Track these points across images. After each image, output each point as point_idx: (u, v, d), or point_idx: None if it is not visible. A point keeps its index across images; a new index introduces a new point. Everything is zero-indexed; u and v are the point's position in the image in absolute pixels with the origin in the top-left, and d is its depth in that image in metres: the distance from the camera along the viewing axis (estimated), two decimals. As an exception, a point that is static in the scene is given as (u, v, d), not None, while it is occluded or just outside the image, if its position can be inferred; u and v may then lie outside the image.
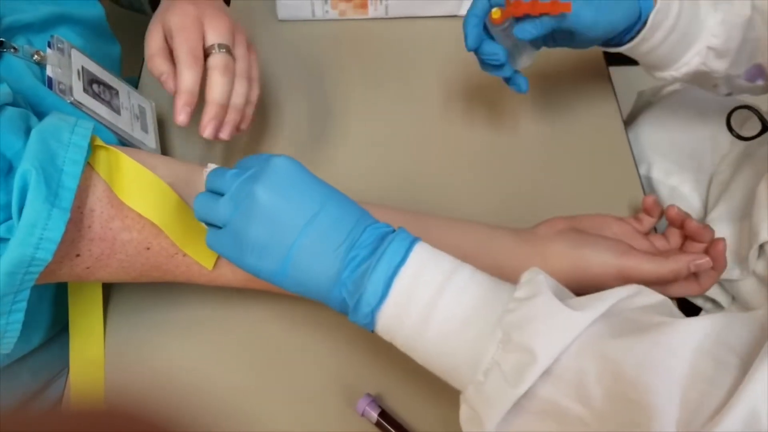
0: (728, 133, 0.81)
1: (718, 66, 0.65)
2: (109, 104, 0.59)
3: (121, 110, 0.59)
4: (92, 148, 0.49)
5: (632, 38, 0.63)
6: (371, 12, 0.83)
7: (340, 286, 0.45)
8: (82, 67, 0.58)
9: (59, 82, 0.55)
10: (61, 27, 0.62)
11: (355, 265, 0.44)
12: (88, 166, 0.49)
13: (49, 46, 0.57)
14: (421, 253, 0.45)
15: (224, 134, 0.58)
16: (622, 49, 0.66)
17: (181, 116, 0.55)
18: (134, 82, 0.76)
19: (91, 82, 0.58)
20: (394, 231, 0.46)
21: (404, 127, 0.74)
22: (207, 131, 0.56)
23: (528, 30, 0.58)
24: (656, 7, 0.61)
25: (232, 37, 0.60)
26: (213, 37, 0.58)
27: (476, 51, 0.62)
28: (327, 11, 0.83)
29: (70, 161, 0.46)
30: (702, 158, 0.81)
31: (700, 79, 0.69)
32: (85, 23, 0.64)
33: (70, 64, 0.57)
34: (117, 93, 0.60)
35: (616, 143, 0.73)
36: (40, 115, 0.51)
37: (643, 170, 0.83)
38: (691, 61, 0.65)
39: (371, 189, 0.68)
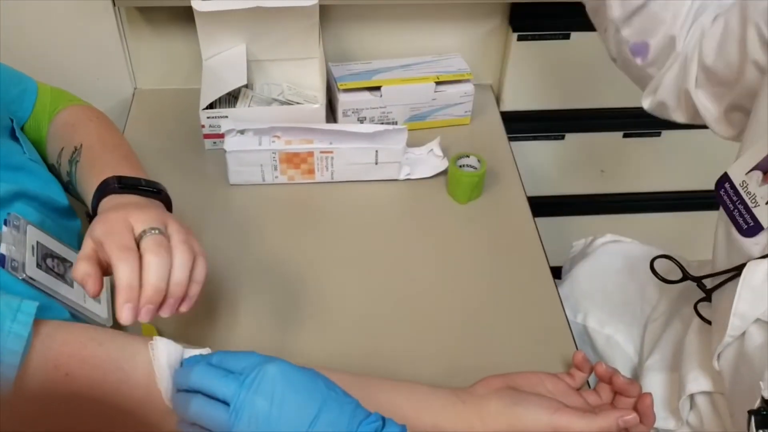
0: (656, 284, 0.86)
1: (614, 6, 0.68)
2: (62, 277, 0.61)
3: (74, 283, 0.61)
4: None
5: None
6: (318, 177, 0.89)
7: None
8: (37, 243, 0.61)
9: (12, 260, 0.57)
10: (18, 203, 0.66)
11: None
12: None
13: (5, 223, 0.60)
14: None
15: (164, 312, 0.54)
16: None
17: (122, 313, 0.52)
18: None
19: (45, 257, 0.61)
20: (383, 424, 0.49)
21: (350, 287, 0.78)
22: (147, 316, 0.53)
23: None
24: None
25: (162, 222, 0.57)
26: (140, 226, 0.56)
27: None
28: (276, 177, 0.88)
29: (8, 352, 0.48)
30: (633, 308, 0.86)
31: (597, 14, 0.72)
32: (43, 200, 0.67)
33: (25, 240, 0.60)
34: (71, 266, 0.63)
35: (547, 298, 0.77)
36: None
37: (579, 319, 0.87)
38: None
39: (318, 349, 0.70)
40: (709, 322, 0.65)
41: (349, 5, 0.96)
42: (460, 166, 0.88)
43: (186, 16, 0.89)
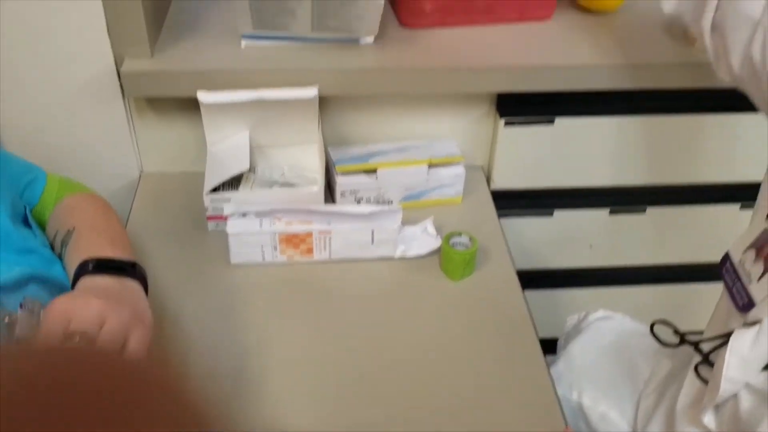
0: (648, 360, 0.89)
1: None
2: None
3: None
4: None
5: None
6: (316, 256, 0.92)
7: None
8: (50, 326, 0.64)
9: (27, 343, 0.60)
10: (32, 285, 0.69)
11: None
12: None
13: (21, 306, 0.63)
14: None
15: None
16: None
17: None
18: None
19: (57, 340, 0.64)
20: None
21: (347, 362, 0.80)
22: None
23: None
24: None
25: (100, 321, 0.60)
26: (75, 324, 0.59)
27: None
28: (276, 256, 0.92)
29: None
30: (626, 384, 0.89)
31: None
32: (54, 283, 0.71)
33: (39, 324, 0.63)
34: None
35: (536, 373, 0.80)
36: None
37: (575, 397, 0.89)
38: None
39: (314, 422, 0.72)
40: (707, 383, 0.68)
41: (347, 96, 1.01)
42: (453, 245, 0.92)
43: (192, 105, 0.94)
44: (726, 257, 0.67)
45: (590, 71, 0.97)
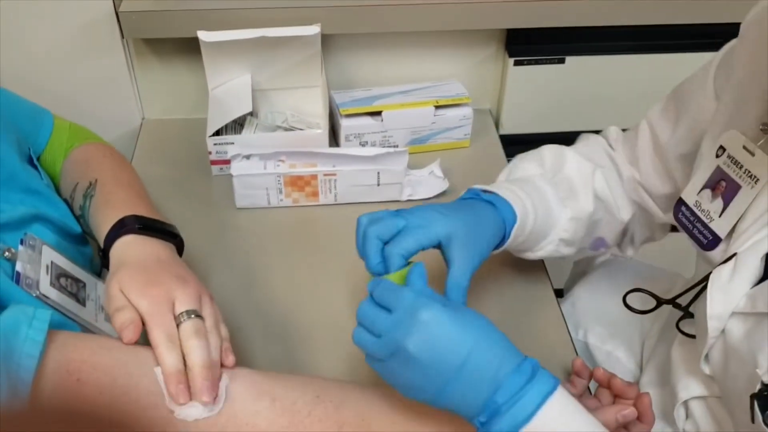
0: (652, 303, 0.88)
1: (568, 251, 0.76)
2: (75, 296, 0.63)
3: (86, 301, 0.63)
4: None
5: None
6: (322, 199, 0.91)
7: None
8: (52, 262, 0.63)
9: (26, 277, 0.59)
10: (36, 224, 0.68)
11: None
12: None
13: (22, 242, 0.62)
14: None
15: (209, 396, 0.56)
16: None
17: (180, 398, 0.55)
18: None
19: (59, 276, 0.63)
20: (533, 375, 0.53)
21: (355, 305, 0.79)
22: (206, 395, 0.55)
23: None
24: (516, 224, 0.70)
25: (198, 298, 0.61)
26: (181, 306, 0.59)
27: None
28: (281, 200, 0.90)
29: (25, 356, 0.49)
30: (632, 325, 0.87)
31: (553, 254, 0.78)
32: (59, 225, 0.69)
33: (39, 259, 0.62)
34: (84, 285, 0.65)
35: (549, 312, 0.79)
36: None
37: (580, 335, 0.88)
38: (545, 247, 0.75)
39: (324, 364, 0.72)
40: (693, 337, 0.67)
41: (350, 34, 0.99)
42: (461, 187, 0.90)
43: (192, 47, 0.92)
44: (680, 202, 0.68)
45: (603, 5, 0.94)
